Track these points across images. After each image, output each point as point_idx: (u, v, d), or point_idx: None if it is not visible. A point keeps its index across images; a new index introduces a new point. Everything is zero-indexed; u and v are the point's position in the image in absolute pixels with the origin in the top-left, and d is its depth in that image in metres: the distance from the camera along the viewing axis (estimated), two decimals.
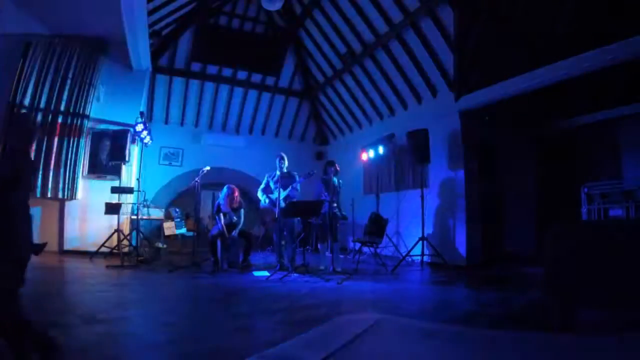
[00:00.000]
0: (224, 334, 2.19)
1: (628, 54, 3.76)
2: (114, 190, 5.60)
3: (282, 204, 4.80)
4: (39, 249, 4.72)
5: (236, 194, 5.11)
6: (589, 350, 1.72)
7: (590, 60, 4.06)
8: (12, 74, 5.66)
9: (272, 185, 5.05)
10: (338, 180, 5.14)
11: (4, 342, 1.44)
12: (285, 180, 4.93)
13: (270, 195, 5.06)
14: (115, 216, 5.46)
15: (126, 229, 5.88)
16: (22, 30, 5.71)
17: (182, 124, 8.54)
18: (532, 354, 1.73)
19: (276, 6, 5.98)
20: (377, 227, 5.85)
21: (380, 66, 6.87)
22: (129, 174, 6.32)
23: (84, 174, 6.08)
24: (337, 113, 8.82)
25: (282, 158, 5.00)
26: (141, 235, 6.04)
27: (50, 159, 5.77)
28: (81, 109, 6.01)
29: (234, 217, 5.06)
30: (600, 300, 2.69)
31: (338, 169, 5.20)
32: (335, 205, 5.04)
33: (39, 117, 5.78)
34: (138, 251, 5.51)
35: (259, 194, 5.19)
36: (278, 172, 4.99)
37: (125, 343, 1.95)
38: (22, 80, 5.68)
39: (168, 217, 6.92)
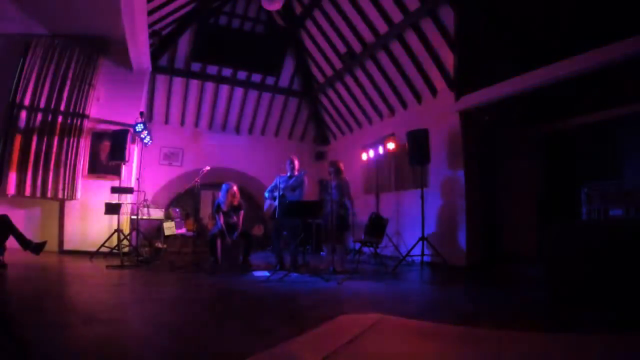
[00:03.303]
0: (223, 334, 2.19)
1: (628, 54, 3.76)
2: (114, 190, 5.60)
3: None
4: (39, 248, 4.72)
5: (235, 189, 5.11)
6: (589, 350, 1.72)
7: (590, 60, 4.06)
8: (12, 74, 5.66)
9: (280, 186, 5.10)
10: (340, 180, 5.07)
11: None
12: (290, 181, 4.99)
13: (275, 194, 5.10)
14: (115, 216, 5.46)
15: (126, 229, 5.89)
16: (22, 30, 5.71)
17: (182, 124, 8.54)
18: (532, 354, 1.73)
19: (276, 6, 5.98)
20: (377, 227, 5.84)
21: (380, 66, 6.87)
22: (129, 174, 6.32)
23: (84, 174, 6.08)
24: (337, 113, 8.82)
25: (291, 161, 5.03)
26: (141, 235, 6.05)
27: (50, 159, 5.77)
28: (81, 109, 6.02)
29: (234, 217, 5.05)
30: (601, 300, 2.69)
31: (340, 168, 5.14)
32: (332, 205, 4.92)
33: (39, 117, 5.79)
34: (138, 251, 5.51)
35: (266, 194, 5.22)
36: (289, 174, 5.03)
37: (125, 343, 1.95)
38: (22, 80, 5.68)
39: (168, 217, 6.92)
